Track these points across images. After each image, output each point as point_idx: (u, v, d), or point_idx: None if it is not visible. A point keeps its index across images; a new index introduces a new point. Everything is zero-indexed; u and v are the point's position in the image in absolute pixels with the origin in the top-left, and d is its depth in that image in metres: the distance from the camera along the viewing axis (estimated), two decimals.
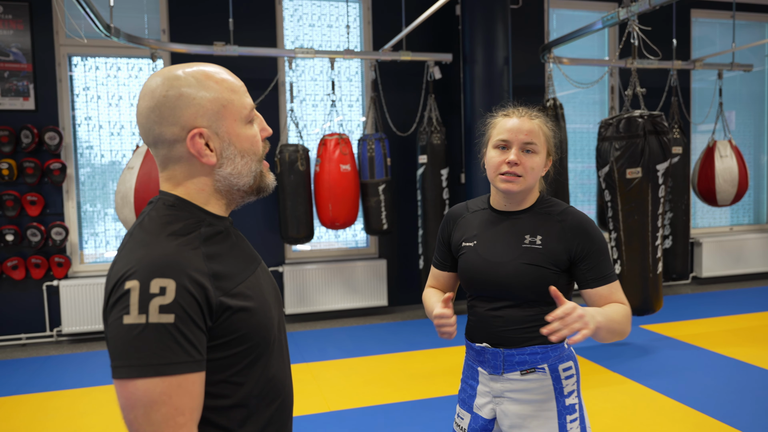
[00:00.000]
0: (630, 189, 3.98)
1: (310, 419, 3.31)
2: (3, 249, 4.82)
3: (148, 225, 0.97)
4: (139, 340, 0.86)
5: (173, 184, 1.02)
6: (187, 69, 1.01)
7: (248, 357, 0.98)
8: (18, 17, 4.80)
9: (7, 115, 4.81)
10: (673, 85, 5.63)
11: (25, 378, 4.12)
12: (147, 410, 0.86)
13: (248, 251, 1.10)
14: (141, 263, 0.90)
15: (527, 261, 1.50)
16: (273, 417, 1.04)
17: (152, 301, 0.87)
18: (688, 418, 3.19)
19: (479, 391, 1.61)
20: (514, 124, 1.53)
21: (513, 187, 1.52)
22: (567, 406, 1.54)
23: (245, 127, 1.03)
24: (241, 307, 0.96)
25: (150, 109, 0.98)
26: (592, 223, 1.55)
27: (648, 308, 4.08)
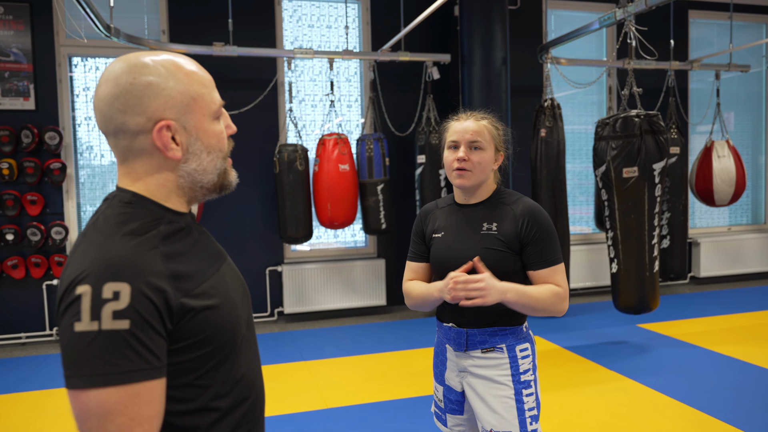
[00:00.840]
0: (626, 188, 4.01)
1: (307, 416, 3.33)
2: (3, 248, 4.84)
3: (103, 224, 0.92)
4: (92, 348, 0.81)
5: (132, 179, 0.97)
6: (155, 57, 0.96)
7: (214, 358, 0.94)
8: (18, 18, 4.83)
9: (8, 114, 4.84)
10: (670, 86, 5.66)
11: (24, 375, 4.14)
12: (102, 421, 0.82)
13: (212, 248, 1.05)
14: (93, 266, 0.85)
15: (485, 246, 1.70)
16: (244, 418, 1.01)
17: (105, 307, 0.82)
18: (684, 415, 3.21)
19: (448, 366, 1.83)
20: (461, 126, 1.76)
21: (464, 181, 1.74)
22: (522, 382, 1.73)
23: (213, 122, 0.99)
24: (204, 307, 0.92)
25: (114, 96, 0.92)
26: (540, 211, 1.73)
27: (644, 307, 4.10)
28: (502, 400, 1.70)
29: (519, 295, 1.62)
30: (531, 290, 1.66)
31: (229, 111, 5.16)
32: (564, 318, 5.32)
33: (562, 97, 6.28)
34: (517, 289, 1.62)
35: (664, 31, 5.98)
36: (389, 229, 5.19)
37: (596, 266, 6.22)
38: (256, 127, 5.36)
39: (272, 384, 3.85)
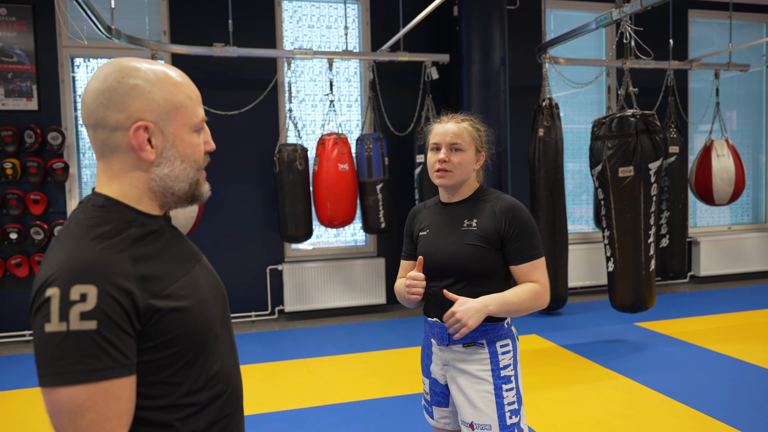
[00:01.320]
0: (622, 187, 4.03)
1: (303, 412, 3.38)
2: (7, 247, 4.91)
3: (74, 228, 0.95)
4: (61, 348, 0.85)
5: (109, 178, 1.01)
6: (148, 64, 1.00)
7: (185, 357, 0.97)
8: (21, 19, 4.89)
9: (11, 115, 4.90)
10: (670, 85, 5.67)
11: (28, 372, 4.19)
12: (72, 417, 0.86)
13: (185, 249, 1.08)
14: (62, 269, 0.88)
15: (465, 241, 1.76)
16: (219, 413, 1.04)
17: (72, 309, 0.85)
18: (679, 413, 3.23)
19: (433, 360, 1.89)
20: (442, 129, 1.82)
21: (445, 181, 1.80)
22: (502, 377, 1.77)
23: (192, 134, 1.03)
24: (173, 308, 0.95)
25: (100, 90, 0.96)
26: (520, 207, 1.78)
27: (640, 305, 4.13)
28: (481, 394, 1.75)
29: (500, 305, 1.68)
30: (510, 296, 1.71)
31: (229, 111, 5.22)
32: (562, 316, 5.34)
33: (562, 97, 6.31)
34: (496, 299, 1.68)
35: (663, 30, 5.99)
36: (388, 228, 5.23)
37: (595, 265, 6.24)
38: (256, 127, 5.41)
39: (270, 381, 3.89)
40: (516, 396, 1.78)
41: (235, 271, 5.38)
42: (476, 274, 1.75)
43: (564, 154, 5.16)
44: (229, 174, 5.34)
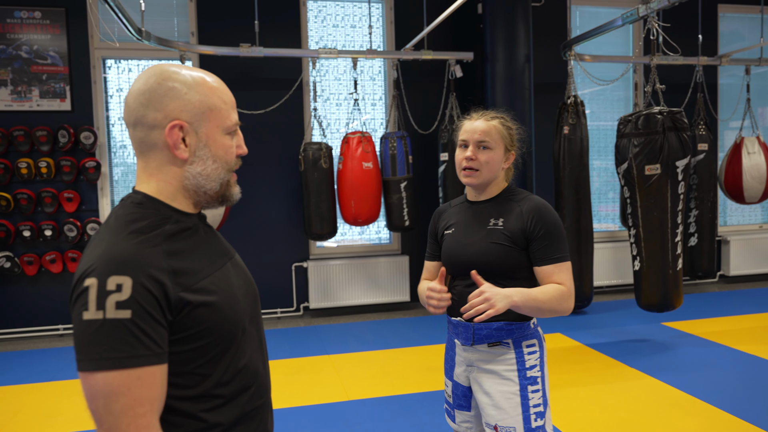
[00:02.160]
0: (649, 185, 3.99)
1: (328, 407, 3.42)
2: (42, 244, 5.06)
3: (113, 223, 1.01)
4: (98, 335, 0.90)
5: (147, 175, 1.06)
6: (187, 70, 1.07)
7: (214, 349, 1.02)
8: (55, 22, 5.03)
9: (46, 115, 5.05)
10: (698, 81, 5.58)
11: (62, 365, 4.33)
12: (107, 401, 0.90)
13: (218, 247, 1.13)
14: (100, 261, 0.94)
15: (491, 240, 1.73)
16: (247, 406, 1.08)
17: (109, 298, 0.90)
18: (706, 413, 3.20)
19: (457, 361, 1.84)
20: (471, 126, 1.79)
21: (472, 180, 1.77)
22: (528, 378, 1.73)
23: (224, 136, 1.07)
24: (202, 302, 0.99)
25: (141, 91, 1.03)
26: (547, 208, 1.74)
27: (668, 305, 4.09)
28: (506, 395, 1.70)
29: (525, 298, 1.62)
30: (536, 292, 1.66)
31: (255, 111, 5.30)
32: (587, 315, 5.31)
33: (588, 94, 6.25)
34: (522, 291, 1.63)
35: (692, 26, 5.89)
36: (412, 226, 5.25)
37: (621, 264, 6.18)
38: (281, 126, 5.48)
39: (295, 376, 3.95)
40: (542, 398, 1.73)
41: (261, 268, 5.46)
42: (501, 274, 1.71)
43: (590, 151, 5.12)
44: (255, 172, 5.42)
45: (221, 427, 1.03)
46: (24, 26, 4.97)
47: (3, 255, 4.90)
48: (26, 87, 5.00)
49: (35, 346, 4.90)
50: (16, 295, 5.09)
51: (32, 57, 5.00)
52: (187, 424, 1.00)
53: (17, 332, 5.11)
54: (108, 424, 0.91)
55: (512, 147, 1.81)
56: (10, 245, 5.00)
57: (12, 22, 4.95)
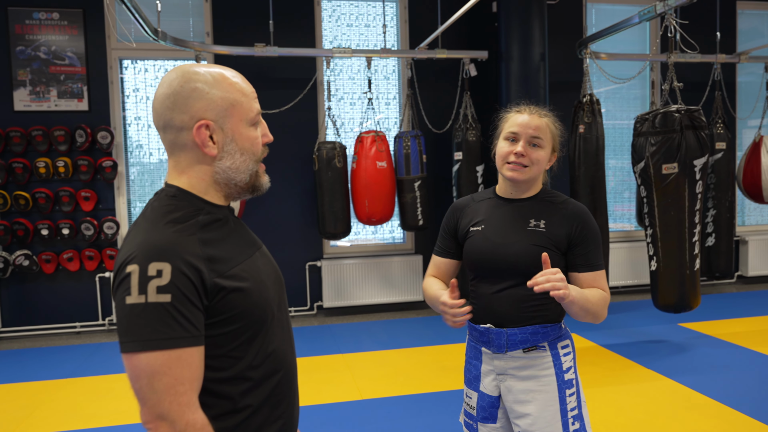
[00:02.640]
0: (666, 184, 3.94)
1: (342, 406, 3.43)
2: (59, 242, 5.12)
3: (150, 214, 1.07)
4: (141, 318, 0.95)
5: (178, 172, 1.11)
6: (206, 68, 1.10)
7: (246, 333, 1.07)
8: (73, 23, 5.09)
9: (63, 115, 5.11)
10: (716, 79, 5.51)
11: (79, 362, 4.38)
12: (150, 380, 0.96)
13: (247, 237, 1.18)
14: (140, 248, 0.99)
15: (532, 242, 1.63)
16: (275, 389, 1.13)
17: (150, 283, 0.96)
18: (724, 416, 3.16)
19: (483, 370, 1.73)
20: (524, 120, 1.68)
21: (518, 175, 1.67)
22: (565, 381, 1.66)
23: (249, 128, 1.12)
24: (235, 288, 1.04)
25: (166, 95, 1.07)
26: (589, 214, 1.70)
27: (685, 305, 4.03)
28: (544, 402, 1.63)
29: (581, 297, 1.54)
30: (587, 293, 1.58)
31: (269, 110, 5.32)
32: None
33: (605, 92, 6.20)
34: (579, 290, 1.54)
35: (710, 23, 5.82)
36: (426, 225, 5.24)
37: (637, 264, 6.12)
38: (295, 125, 5.49)
39: (310, 375, 3.96)
40: (577, 401, 1.67)
41: None
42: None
43: (606, 150, 5.08)
44: (269, 171, 5.40)
45: (250, 409, 1.09)
46: (42, 27, 5.04)
47: (21, 253, 4.97)
48: (44, 87, 5.06)
49: (52, 343, 4.96)
50: (34, 293, 5.16)
51: (50, 58, 5.06)
52: (219, 404, 1.06)
53: (35, 329, 5.18)
54: (152, 402, 0.96)
55: (557, 148, 1.75)
56: (29, 243, 5.07)
57: (31, 24, 5.02)
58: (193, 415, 0.99)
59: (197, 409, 1.00)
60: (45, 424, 3.30)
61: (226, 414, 1.06)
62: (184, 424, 0.97)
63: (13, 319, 5.14)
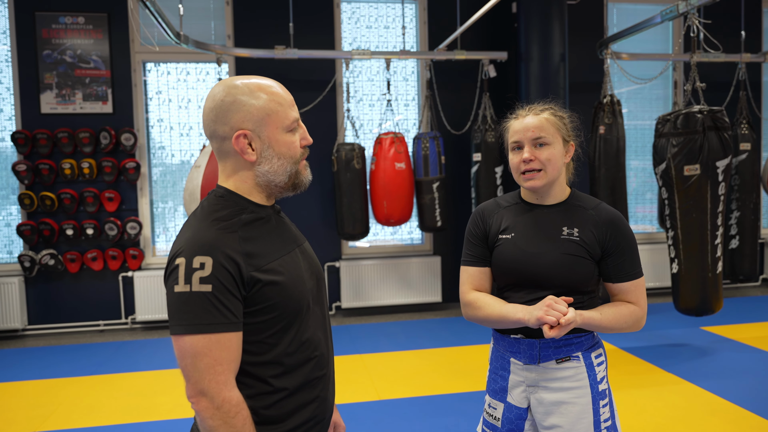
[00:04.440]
0: (688, 186, 3.89)
1: (358, 406, 3.45)
2: (84, 242, 5.22)
3: (200, 213, 1.20)
4: (186, 305, 1.09)
5: (226, 176, 1.24)
6: (245, 80, 1.21)
7: (280, 323, 1.18)
8: (98, 27, 5.19)
9: (88, 118, 5.21)
10: (741, 79, 5.42)
11: (101, 360, 4.46)
12: (194, 360, 1.09)
13: (288, 234, 1.29)
14: (188, 244, 1.12)
15: (565, 251, 1.56)
16: (309, 374, 1.23)
17: (194, 274, 1.09)
18: (745, 421, 3.11)
19: (512, 381, 1.65)
20: (521, 125, 1.62)
21: (536, 183, 1.60)
22: (600, 392, 1.60)
23: (285, 134, 1.22)
24: (270, 281, 1.15)
25: (210, 109, 1.20)
26: (624, 220, 1.61)
27: (707, 309, 3.98)
28: (577, 413, 1.57)
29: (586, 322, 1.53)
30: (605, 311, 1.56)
31: None
32: None
33: (627, 92, 6.13)
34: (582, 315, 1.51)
35: (735, 22, 5.73)
36: (445, 226, 5.24)
37: (659, 266, 6.04)
38: (315, 126, 5.52)
39: None
40: (610, 411, 1.62)
41: None
42: (572, 288, 1.56)
43: (628, 151, 5.03)
44: None
45: (286, 391, 1.19)
46: (68, 31, 5.14)
47: (47, 253, 5.08)
48: (70, 90, 5.17)
49: (77, 341, 5.06)
50: (59, 292, 5.27)
51: (76, 61, 5.17)
52: (257, 386, 1.17)
53: (60, 327, 5.29)
54: (194, 379, 1.09)
55: (570, 137, 1.65)
56: (54, 243, 5.18)
57: (57, 28, 5.13)
58: (230, 393, 1.11)
59: (233, 387, 1.12)
60: (69, 420, 3.38)
61: (262, 394, 1.18)
62: (221, 399, 1.09)
63: (39, 317, 5.25)
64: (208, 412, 1.09)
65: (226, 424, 1.10)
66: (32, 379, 4.09)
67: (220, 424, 1.09)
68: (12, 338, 5.18)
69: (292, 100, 1.24)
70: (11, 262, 5.29)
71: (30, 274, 5.09)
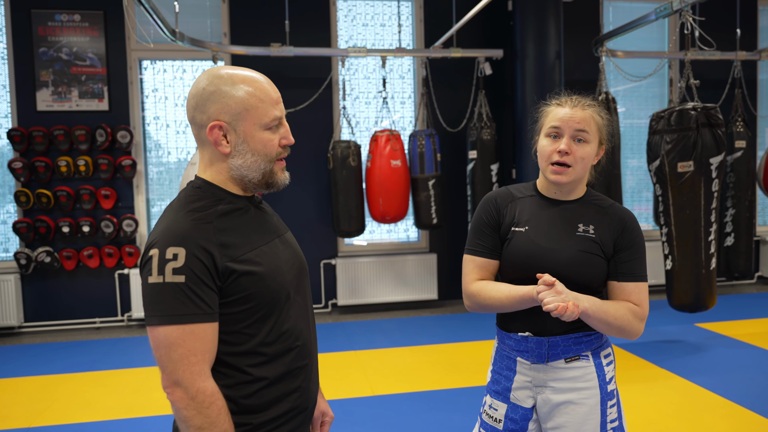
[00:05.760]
0: (681, 183, 3.91)
1: (354, 402, 3.46)
2: (80, 239, 5.23)
3: (176, 204, 1.20)
4: (159, 295, 1.09)
5: (204, 166, 1.24)
6: (231, 71, 1.20)
7: (258, 313, 1.18)
8: (93, 25, 5.19)
9: (84, 115, 5.21)
10: (736, 77, 5.43)
11: (98, 357, 4.47)
12: (168, 350, 1.10)
13: (268, 225, 1.28)
14: (162, 234, 1.12)
15: (582, 249, 1.53)
16: (290, 364, 1.23)
17: (167, 265, 1.09)
18: (738, 416, 3.12)
19: (517, 381, 1.61)
20: (566, 113, 1.55)
21: (563, 178, 1.55)
22: (608, 393, 1.57)
23: (263, 131, 1.21)
24: (246, 271, 1.15)
25: (192, 95, 1.20)
26: (636, 220, 1.60)
27: (700, 305, 3.99)
28: (584, 414, 1.54)
29: (596, 308, 1.47)
30: (609, 306, 1.50)
31: (285, 109, 5.36)
32: None
33: (623, 90, 6.15)
34: (592, 300, 1.47)
35: (731, 20, 5.74)
36: (440, 224, 5.25)
37: (654, 263, 6.05)
38: (311, 124, 5.54)
39: (323, 371, 4.00)
40: (618, 412, 1.59)
41: None
42: (584, 285, 1.52)
43: (625, 149, 5.04)
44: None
45: (266, 381, 1.20)
46: (64, 29, 5.15)
47: (43, 250, 5.08)
48: (66, 88, 5.17)
49: (73, 338, 5.07)
50: (55, 289, 5.27)
51: (72, 59, 5.17)
52: (236, 375, 1.18)
53: (56, 324, 5.30)
54: (169, 369, 1.10)
55: (605, 141, 1.60)
56: (50, 240, 5.18)
57: (53, 25, 5.13)
58: (204, 383, 1.11)
59: (208, 377, 1.12)
60: (64, 415, 3.38)
61: (242, 384, 1.18)
62: (195, 390, 1.10)
63: (35, 315, 5.26)
64: (183, 402, 1.10)
65: (200, 414, 1.10)
66: (28, 375, 4.10)
67: (194, 414, 1.10)
68: (8, 335, 5.18)
69: (278, 97, 1.23)
70: (7, 260, 5.30)
71: (26, 271, 5.09)
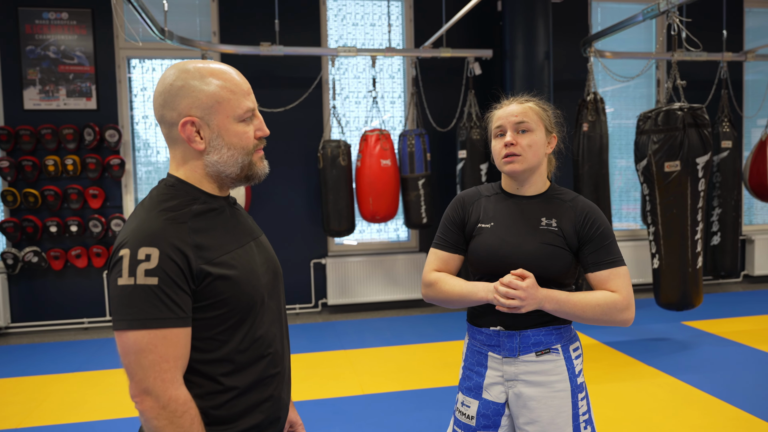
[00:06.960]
0: (668, 182, 3.95)
1: (344, 401, 3.46)
2: (67, 239, 5.19)
3: (148, 202, 1.14)
4: (130, 298, 1.02)
5: (176, 164, 1.18)
6: (198, 65, 1.14)
7: (232, 318, 1.12)
8: (81, 23, 5.16)
9: (72, 114, 5.18)
10: (723, 78, 5.49)
11: (86, 357, 4.44)
12: (137, 357, 1.02)
13: (243, 227, 1.23)
14: (133, 234, 1.06)
15: (545, 241, 1.57)
16: (262, 373, 1.17)
17: (139, 266, 1.02)
18: (725, 413, 3.16)
19: (489, 377, 1.64)
20: (504, 111, 1.64)
21: (515, 166, 1.60)
22: (578, 385, 1.60)
23: (237, 124, 1.15)
24: (221, 275, 1.09)
25: (159, 92, 1.13)
26: (599, 211, 1.63)
27: (687, 303, 4.04)
28: (556, 407, 1.57)
29: (559, 304, 1.51)
30: (575, 298, 1.53)
31: (275, 108, 5.36)
32: None
33: (611, 91, 6.19)
34: (557, 297, 1.51)
35: (717, 21, 5.80)
36: (430, 223, 5.26)
37: (642, 262, 6.11)
38: (301, 123, 5.53)
39: (314, 371, 4.00)
40: (587, 404, 1.62)
41: (280, 264, 5.52)
42: (549, 279, 1.56)
43: (613, 149, 5.09)
44: (274, 170, 5.48)
45: (237, 390, 1.13)
46: (52, 27, 5.11)
47: (30, 250, 5.04)
48: (54, 86, 5.13)
49: (61, 338, 5.03)
50: (42, 289, 5.23)
51: (60, 57, 5.13)
52: (206, 385, 1.11)
53: (44, 325, 5.26)
54: (138, 377, 1.03)
55: (553, 129, 1.66)
56: (38, 240, 5.14)
57: (40, 23, 5.09)
58: (176, 391, 1.04)
59: (180, 385, 1.05)
60: (52, 416, 3.36)
61: (212, 393, 1.11)
62: (167, 398, 1.03)
63: (23, 315, 5.21)
64: (153, 412, 1.02)
65: (172, 424, 1.03)
66: (16, 376, 4.06)
67: (165, 424, 1.03)
68: None
69: (249, 88, 1.17)
70: None
71: (13, 271, 5.05)
